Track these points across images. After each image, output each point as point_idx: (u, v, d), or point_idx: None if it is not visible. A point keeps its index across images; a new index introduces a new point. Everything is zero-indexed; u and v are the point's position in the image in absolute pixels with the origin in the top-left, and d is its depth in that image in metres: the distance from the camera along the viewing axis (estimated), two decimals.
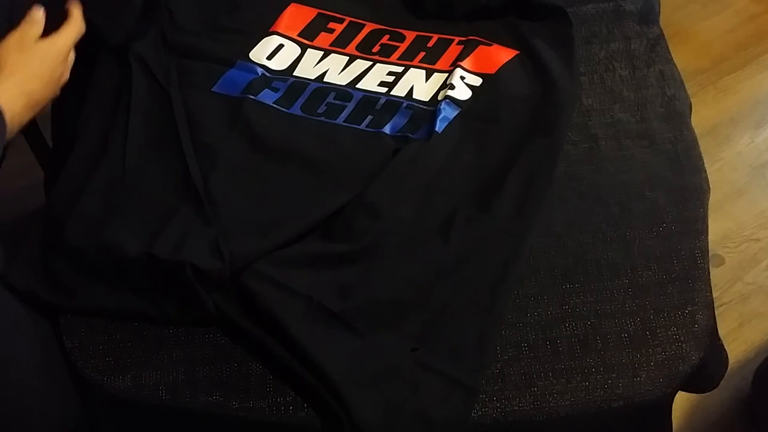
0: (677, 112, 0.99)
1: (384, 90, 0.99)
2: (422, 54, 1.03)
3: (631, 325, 0.83)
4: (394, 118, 0.95)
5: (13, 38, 0.84)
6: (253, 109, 0.94)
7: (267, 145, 0.92)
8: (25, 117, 0.82)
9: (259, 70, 0.99)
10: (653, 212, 0.91)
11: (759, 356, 1.35)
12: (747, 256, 1.50)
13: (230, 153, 0.91)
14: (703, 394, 1.20)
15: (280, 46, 1.02)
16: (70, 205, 0.87)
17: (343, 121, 0.95)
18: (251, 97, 0.95)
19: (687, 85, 1.03)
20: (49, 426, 0.85)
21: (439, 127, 0.94)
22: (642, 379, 0.80)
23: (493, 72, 1.00)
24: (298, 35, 1.03)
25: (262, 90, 0.97)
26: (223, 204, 0.88)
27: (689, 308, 0.84)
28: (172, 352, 0.82)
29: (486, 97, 0.98)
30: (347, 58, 1.02)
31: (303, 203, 0.88)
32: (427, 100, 0.98)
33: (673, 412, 0.91)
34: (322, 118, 0.95)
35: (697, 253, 0.88)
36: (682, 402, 1.29)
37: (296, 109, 0.96)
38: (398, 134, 0.94)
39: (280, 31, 1.03)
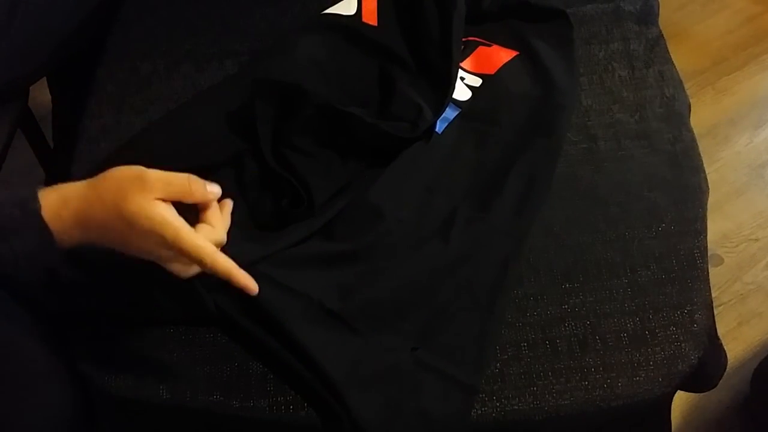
0: (676, 112, 0.99)
1: None
2: None
3: (630, 324, 0.84)
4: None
5: (137, 173, 0.65)
6: None
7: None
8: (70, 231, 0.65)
9: None
10: (652, 212, 0.91)
11: (758, 356, 1.35)
12: (746, 255, 1.51)
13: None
14: (702, 394, 1.21)
15: None
16: None
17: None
18: None
19: (686, 86, 1.03)
20: (50, 425, 0.85)
21: (439, 127, 0.94)
22: (641, 378, 0.80)
23: (493, 72, 1.00)
24: None
25: None
26: None
27: (688, 308, 0.85)
28: (172, 351, 0.83)
29: (486, 97, 0.98)
30: None
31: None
32: None
33: (672, 412, 0.92)
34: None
35: (696, 253, 0.88)
36: (681, 401, 1.30)
37: None
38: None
39: None
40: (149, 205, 0.64)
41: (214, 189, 0.70)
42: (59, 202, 0.65)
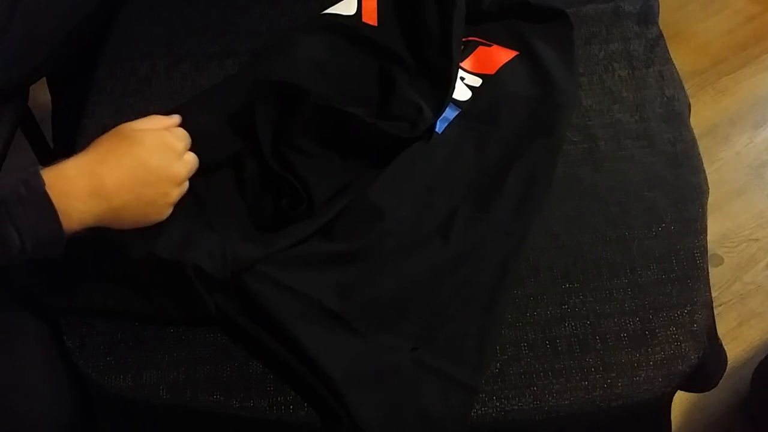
0: (676, 112, 0.99)
1: None
2: None
3: (630, 324, 0.84)
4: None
5: (131, 123, 0.75)
6: None
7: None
8: (89, 210, 0.68)
9: None
10: (652, 212, 0.91)
11: (758, 356, 1.35)
12: (746, 255, 1.51)
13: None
14: (701, 394, 1.21)
15: None
16: None
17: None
18: None
19: (686, 86, 1.03)
20: (49, 425, 0.85)
21: (439, 127, 0.94)
22: (641, 378, 0.80)
23: (493, 72, 1.00)
24: None
25: None
26: (226, 207, 0.88)
27: (688, 308, 0.85)
28: (172, 351, 0.83)
29: (486, 97, 0.98)
30: None
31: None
32: None
33: (672, 412, 0.92)
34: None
35: (696, 253, 0.88)
36: (681, 402, 1.30)
37: None
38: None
39: None
40: (147, 129, 0.75)
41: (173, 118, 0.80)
42: (59, 167, 0.68)
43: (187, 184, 0.77)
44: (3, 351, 0.82)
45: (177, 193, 0.76)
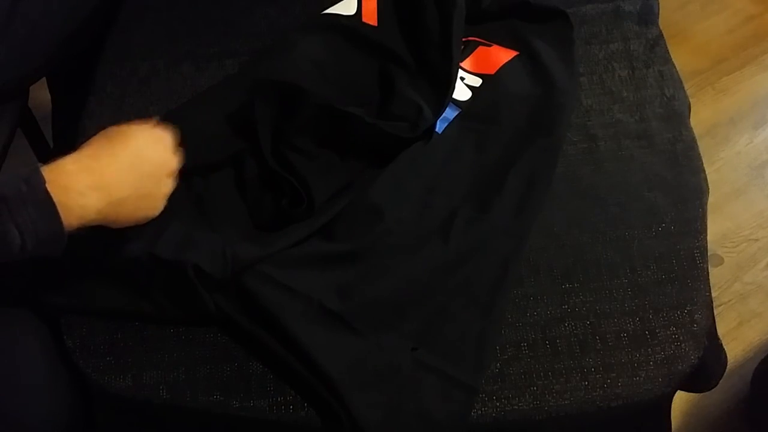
0: (676, 112, 1.00)
1: None
2: None
3: (630, 324, 0.84)
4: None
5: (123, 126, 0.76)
6: None
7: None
8: (94, 205, 0.69)
9: None
10: (652, 212, 0.91)
11: (758, 356, 1.35)
12: (746, 255, 1.51)
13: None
14: (701, 394, 1.21)
15: None
16: None
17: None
18: None
19: (686, 86, 1.03)
20: (48, 426, 0.85)
21: (439, 127, 0.94)
22: (641, 378, 0.80)
23: (493, 72, 1.00)
24: None
25: None
26: (226, 207, 0.88)
27: (688, 308, 0.85)
28: (172, 351, 0.83)
29: (486, 97, 0.98)
30: None
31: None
32: None
33: (672, 412, 0.92)
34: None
35: (696, 253, 0.88)
36: (680, 402, 1.30)
37: None
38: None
39: None
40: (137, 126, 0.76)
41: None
42: (58, 164, 0.68)
43: (176, 180, 0.78)
44: (2, 351, 0.82)
45: (170, 185, 0.77)
